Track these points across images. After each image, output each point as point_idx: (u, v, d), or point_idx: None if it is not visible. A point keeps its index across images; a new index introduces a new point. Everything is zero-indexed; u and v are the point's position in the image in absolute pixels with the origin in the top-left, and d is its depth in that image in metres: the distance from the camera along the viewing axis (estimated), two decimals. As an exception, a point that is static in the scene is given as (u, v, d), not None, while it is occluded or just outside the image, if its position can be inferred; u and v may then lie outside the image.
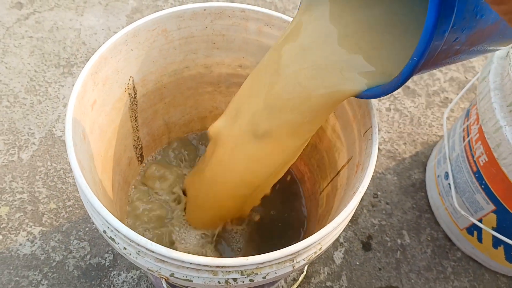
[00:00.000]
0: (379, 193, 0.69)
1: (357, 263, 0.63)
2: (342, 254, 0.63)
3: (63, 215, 0.62)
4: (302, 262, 0.36)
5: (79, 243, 0.60)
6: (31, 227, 0.61)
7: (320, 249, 0.37)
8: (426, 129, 0.76)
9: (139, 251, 0.34)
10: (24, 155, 0.66)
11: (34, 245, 0.60)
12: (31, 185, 0.64)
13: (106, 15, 0.80)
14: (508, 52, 0.53)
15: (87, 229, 0.61)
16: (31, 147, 0.67)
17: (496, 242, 0.60)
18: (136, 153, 0.53)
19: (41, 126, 0.68)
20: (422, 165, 0.72)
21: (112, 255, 0.60)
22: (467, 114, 0.61)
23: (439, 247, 0.66)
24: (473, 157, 0.57)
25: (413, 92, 0.79)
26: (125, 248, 0.35)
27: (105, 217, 0.33)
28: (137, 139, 0.52)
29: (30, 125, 0.69)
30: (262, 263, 0.33)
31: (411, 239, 0.66)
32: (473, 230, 0.61)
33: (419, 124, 0.76)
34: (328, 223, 0.34)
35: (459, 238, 0.65)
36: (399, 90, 0.79)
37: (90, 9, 0.80)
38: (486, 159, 0.55)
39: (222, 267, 0.32)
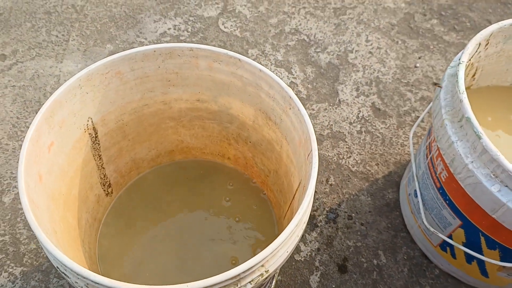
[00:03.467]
0: (353, 214, 0.70)
1: (333, 286, 0.63)
2: (318, 278, 0.64)
3: (43, 255, 0.64)
4: (249, 286, 0.37)
5: (58, 281, 0.62)
6: (12, 267, 0.63)
7: (266, 271, 0.38)
8: (398, 149, 0.77)
9: (87, 284, 0.35)
10: (6, 199, 0.68)
11: (15, 286, 0.61)
12: (13, 227, 0.66)
13: (84, 60, 0.84)
14: (457, 70, 0.55)
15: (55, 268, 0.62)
16: (13, 191, 0.69)
17: (469, 258, 0.60)
18: (104, 190, 0.55)
19: (22, 169, 0.71)
20: (396, 184, 0.73)
21: (89, 291, 0.61)
22: (429, 133, 0.63)
23: (416, 265, 0.66)
24: (435, 173, 0.59)
25: (384, 114, 0.81)
26: (76, 282, 0.36)
27: (52, 253, 0.34)
28: (104, 177, 0.54)
29: (12, 170, 0.71)
30: (203, 289, 0.34)
31: (387, 259, 0.66)
32: (446, 246, 0.62)
33: (391, 145, 0.77)
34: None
35: (434, 255, 0.65)
36: (370, 112, 0.81)
37: (69, 56, 0.84)
38: (446, 175, 0.56)
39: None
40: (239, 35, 0.91)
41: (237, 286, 0.36)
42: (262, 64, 0.86)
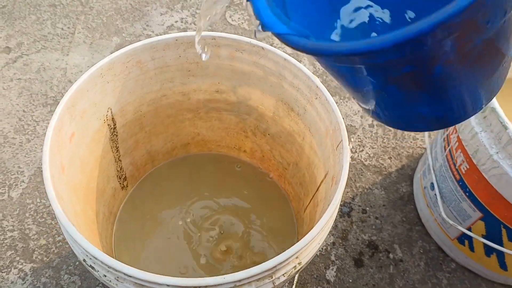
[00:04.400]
0: (367, 208, 0.69)
1: (350, 280, 0.62)
2: (335, 272, 0.63)
3: (53, 251, 0.62)
4: (282, 278, 0.36)
5: (70, 278, 0.60)
6: (22, 264, 0.61)
7: (299, 263, 0.37)
8: (411, 142, 0.77)
9: (117, 277, 0.34)
10: (14, 194, 0.67)
11: (25, 282, 0.60)
12: (21, 223, 0.64)
13: (91, 53, 0.82)
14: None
15: (77, 263, 0.61)
16: (21, 185, 0.68)
17: (488, 250, 0.59)
18: (120, 183, 0.54)
19: (30, 164, 0.69)
20: (409, 178, 0.73)
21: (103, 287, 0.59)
22: (446, 124, 0.62)
23: (432, 259, 0.65)
24: (455, 165, 0.58)
25: (395, 107, 0.81)
26: (104, 276, 0.35)
27: (82, 245, 0.33)
28: (120, 169, 0.53)
29: (19, 164, 0.70)
30: (239, 281, 0.33)
31: (403, 253, 0.65)
32: (464, 239, 0.61)
33: (403, 138, 0.77)
34: (306, 237, 0.35)
35: (451, 248, 0.64)
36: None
37: (75, 49, 0.83)
38: (468, 167, 0.55)
39: (199, 287, 0.33)
40: (247, 28, 0.90)
41: (271, 278, 0.35)
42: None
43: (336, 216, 0.68)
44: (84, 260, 0.36)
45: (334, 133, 0.42)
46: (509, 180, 0.48)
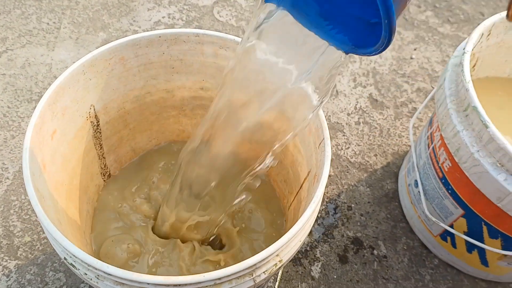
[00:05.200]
0: (353, 205, 0.70)
1: (335, 276, 0.63)
2: (319, 268, 0.63)
3: (38, 248, 0.62)
4: (263, 276, 0.37)
5: (55, 275, 0.60)
6: (6, 261, 0.61)
7: (280, 261, 0.37)
8: (396, 139, 0.77)
9: (98, 275, 0.34)
10: (-3, 191, 0.66)
11: (10, 279, 0.59)
12: (6, 220, 0.64)
13: (76, 48, 0.81)
14: (461, 60, 0.55)
15: (62, 260, 0.61)
16: (5, 182, 0.67)
17: (470, 247, 0.60)
18: (104, 180, 0.54)
19: (15, 160, 0.69)
20: (394, 175, 0.73)
21: (87, 285, 0.59)
22: (430, 122, 0.63)
23: (416, 255, 0.66)
24: (438, 163, 0.59)
25: (381, 105, 0.81)
26: (85, 274, 0.35)
27: (61, 243, 0.33)
28: (104, 167, 0.52)
29: (4, 160, 0.69)
30: (219, 279, 0.34)
31: (387, 249, 0.66)
32: (446, 236, 0.62)
33: (389, 135, 0.78)
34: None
35: (434, 245, 0.65)
36: (367, 103, 0.81)
37: (61, 44, 0.82)
38: (450, 164, 0.56)
39: (179, 285, 0.33)
40: (235, 24, 0.90)
41: (252, 276, 0.35)
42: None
43: (322, 213, 0.69)
44: (65, 258, 0.36)
45: (317, 131, 0.42)
46: (489, 178, 0.48)
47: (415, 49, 0.91)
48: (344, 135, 0.77)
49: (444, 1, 1.01)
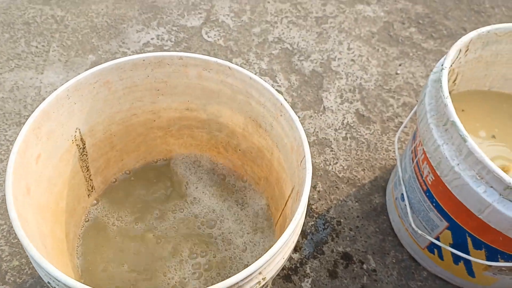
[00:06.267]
0: (342, 220, 0.70)
1: (325, 292, 0.63)
2: (309, 284, 0.64)
3: (27, 271, 0.62)
4: (247, 294, 0.37)
5: (43, 299, 0.60)
6: (-6, 286, 0.60)
7: (263, 279, 0.38)
8: (383, 154, 0.78)
9: (81, 299, 0.34)
10: (-14, 214, 0.66)
11: (-3, 305, 0.59)
12: (-6, 244, 0.64)
13: (66, 71, 0.82)
14: (440, 76, 0.56)
15: (45, 284, 0.61)
16: (-6, 206, 0.67)
17: (456, 258, 0.61)
18: (91, 202, 0.54)
19: (3, 184, 0.69)
20: (382, 189, 0.74)
21: (77, 307, 0.59)
22: (414, 137, 0.64)
23: (405, 268, 0.67)
24: (422, 176, 0.60)
25: (368, 120, 0.83)
26: (69, 297, 0.35)
27: (43, 267, 0.33)
28: (91, 188, 0.53)
29: (-8, 184, 0.69)
30: (202, 299, 0.34)
31: (376, 263, 0.67)
32: (433, 248, 0.63)
33: (376, 150, 0.79)
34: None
35: (422, 257, 0.66)
36: (354, 118, 0.82)
37: (50, 67, 0.83)
38: (433, 178, 0.57)
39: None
40: (223, 44, 0.92)
41: (235, 294, 0.36)
42: (246, 73, 0.86)
43: (312, 229, 0.69)
44: (49, 283, 0.36)
45: (298, 149, 0.43)
46: (469, 191, 0.49)
47: (400, 65, 0.93)
48: (332, 151, 0.78)
49: (427, 17, 1.03)
